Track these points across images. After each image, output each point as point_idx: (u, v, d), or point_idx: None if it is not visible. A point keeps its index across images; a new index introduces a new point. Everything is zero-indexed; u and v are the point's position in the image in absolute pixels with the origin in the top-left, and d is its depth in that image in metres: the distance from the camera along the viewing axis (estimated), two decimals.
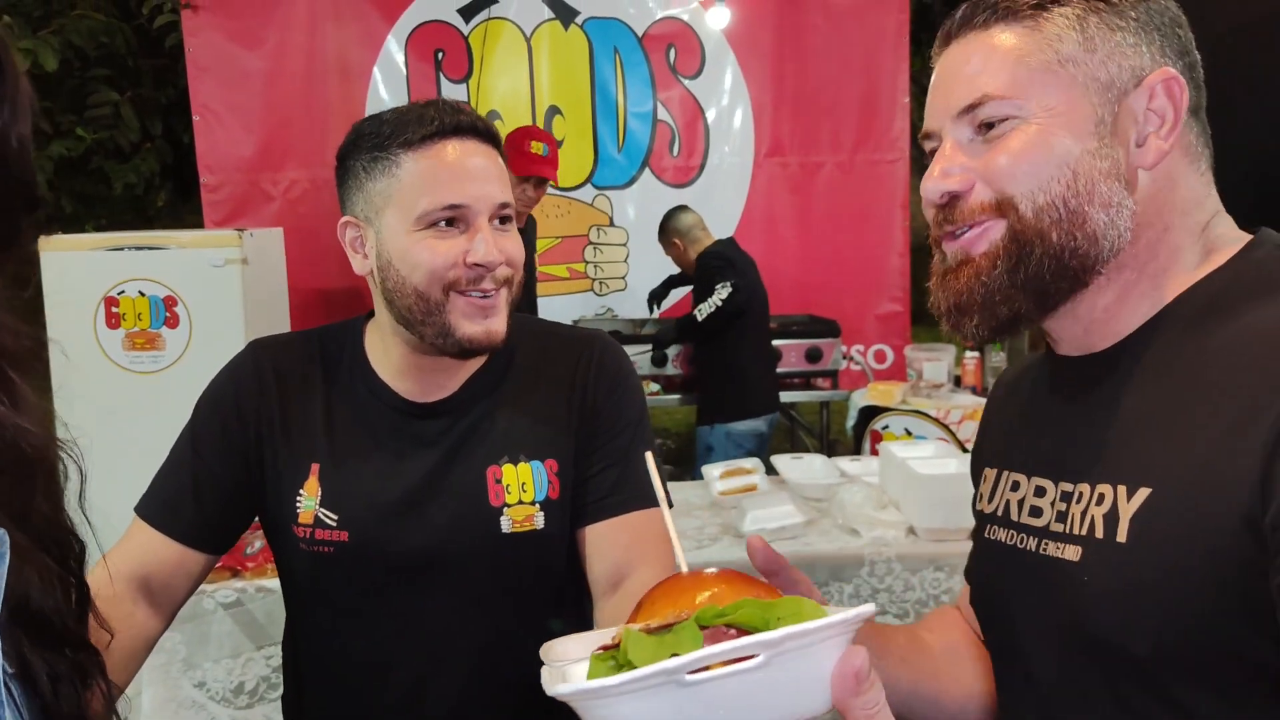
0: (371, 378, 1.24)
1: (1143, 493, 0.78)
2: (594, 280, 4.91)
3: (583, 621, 1.28)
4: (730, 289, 3.76)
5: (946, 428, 3.71)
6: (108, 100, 4.97)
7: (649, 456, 0.75)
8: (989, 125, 0.85)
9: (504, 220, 1.19)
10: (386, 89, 4.63)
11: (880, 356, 4.96)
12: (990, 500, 0.99)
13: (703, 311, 3.79)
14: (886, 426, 3.79)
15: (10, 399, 0.77)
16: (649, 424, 1.31)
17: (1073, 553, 0.84)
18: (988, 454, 1.04)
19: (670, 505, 0.74)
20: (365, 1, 4.59)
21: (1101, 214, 0.82)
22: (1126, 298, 0.85)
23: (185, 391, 1.30)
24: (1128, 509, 0.79)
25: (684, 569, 0.67)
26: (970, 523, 2.75)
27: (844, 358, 4.57)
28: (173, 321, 3.32)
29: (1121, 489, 0.80)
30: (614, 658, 0.60)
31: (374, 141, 1.17)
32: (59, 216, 5.45)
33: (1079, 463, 0.86)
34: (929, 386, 3.91)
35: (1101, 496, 0.82)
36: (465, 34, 4.67)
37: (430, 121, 1.15)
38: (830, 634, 0.56)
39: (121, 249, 3.34)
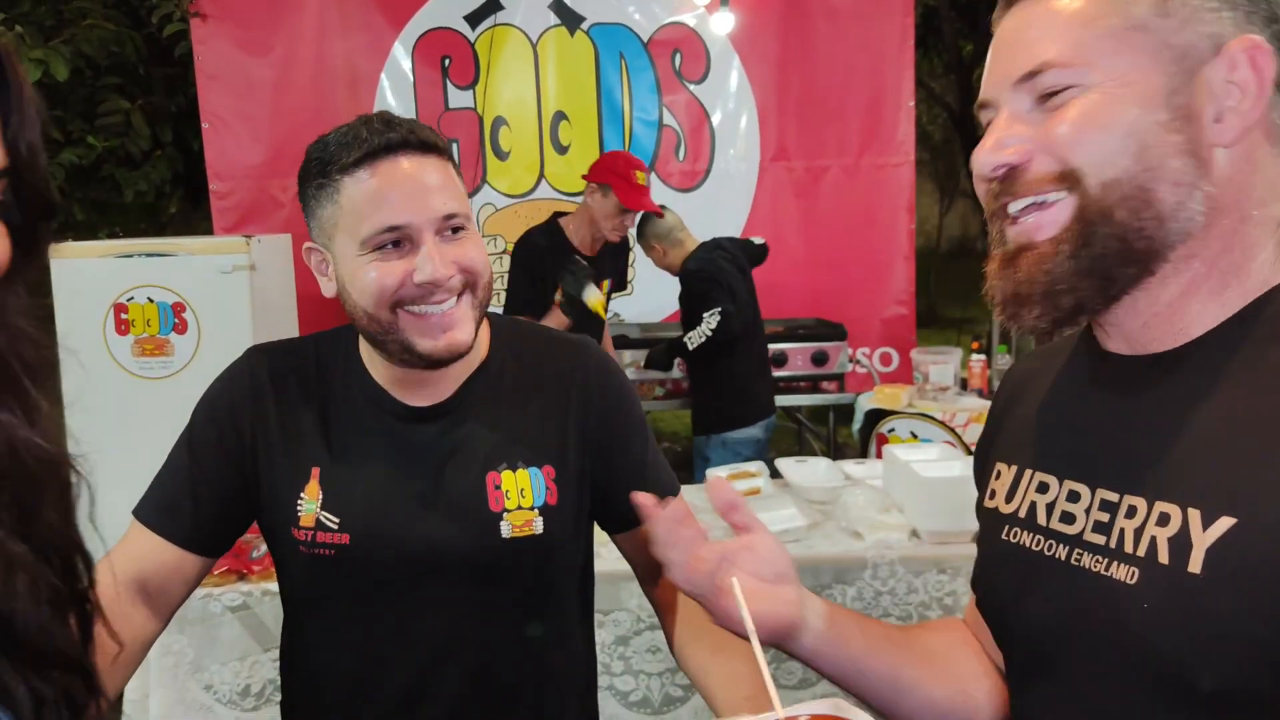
0: (367, 382, 1.25)
1: (1225, 522, 0.71)
2: None
3: (573, 627, 1.30)
4: (719, 316, 3.59)
5: (952, 430, 3.71)
6: (118, 108, 5.01)
7: (735, 585, 0.78)
8: (1049, 94, 0.78)
9: (456, 230, 1.16)
10: (394, 96, 4.66)
11: (886, 359, 4.97)
12: (1010, 500, 0.91)
13: (693, 340, 3.66)
14: (892, 430, 3.80)
15: (25, 411, 0.77)
16: (643, 416, 1.34)
17: (1126, 573, 0.77)
18: (1002, 448, 0.96)
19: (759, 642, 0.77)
20: (372, 9, 4.62)
21: (1171, 193, 0.75)
22: (1194, 293, 0.78)
23: (194, 397, 1.31)
24: (1204, 538, 0.72)
25: (780, 714, 0.69)
26: (973, 525, 2.75)
27: (850, 361, 4.58)
28: (181, 328, 3.34)
29: (1194, 513, 0.73)
30: None
31: (318, 168, 1.17)
32: (72, 224, 5.49)
33: (1130, 472, 0.79)
34: (935, 389, 3.91)
35: (1165, 516, 0.75)
36: (472, 41, 4.69)
37: (362, 143, 1.14)
38: None
39: (130, 256, 3.37)
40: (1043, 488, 0.87)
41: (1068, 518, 0.83)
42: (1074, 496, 0.83)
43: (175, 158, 5.49)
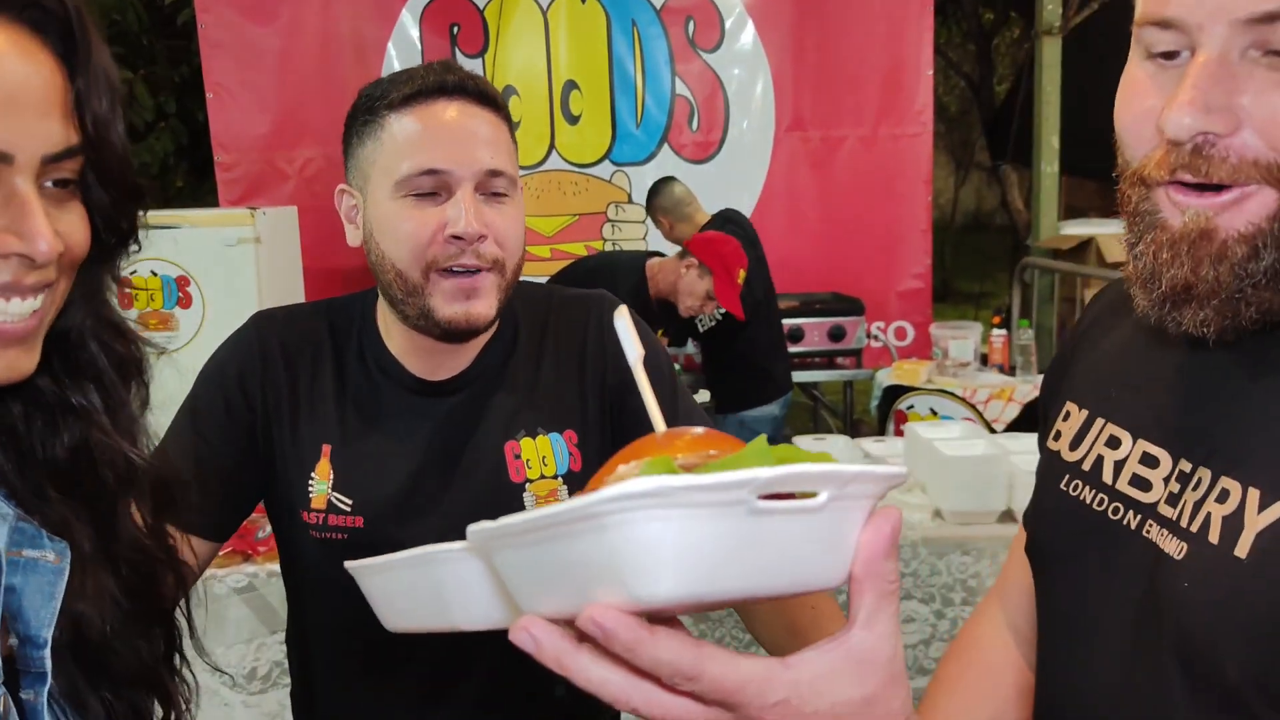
0: (383, 354, 1.19)
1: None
2: None
3: None
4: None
5: (973, 407, 3.64)
6: (121, 78, 4.94)
7: (622, 313, 0.65)
8: None
9: (497, 193, 1.11)
10: (401, 64, 4.57)
11: (900, 334, 4.89)
12: (1075, 447, 0.83)
13: (703, 323, 3.56)
14: (911, 406, 3.73)
15: (108, 406, 0.75)
16: (670, 362, 1.27)
17: (1175, 547, 0.70)
18: (1075, 385, 0.87)
19: (642, 354, 0.60)
20: None
21: None
22: None
23: (199, 373, 1.25)
24: (1256, 520, 0.65)
25: (661, 428, 0.57)
26: (998, 506, 2.67)
27: (867, 336, 4.50)
28: (186, 301, 3.28)
29: (1254, 493, 0.66)
30: None
31: (367, 104, 1.12)
32: None
33: (1206, 442, 0.72)
34: (955, 365, 3.83)
35: (1225, 493, 0.68)
36: (481, 7, 4.60)
37: (415, 81, 1.09)
38: (882, 487, 0.51)
39: None
40: (1113, 442, 0.79)
41: (1142, 483, 0.75)
42: (1151, 461, 0.75)
43: (179, 129, 5.42)
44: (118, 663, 0.73)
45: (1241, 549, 0.65)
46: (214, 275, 3.30)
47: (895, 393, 3.82)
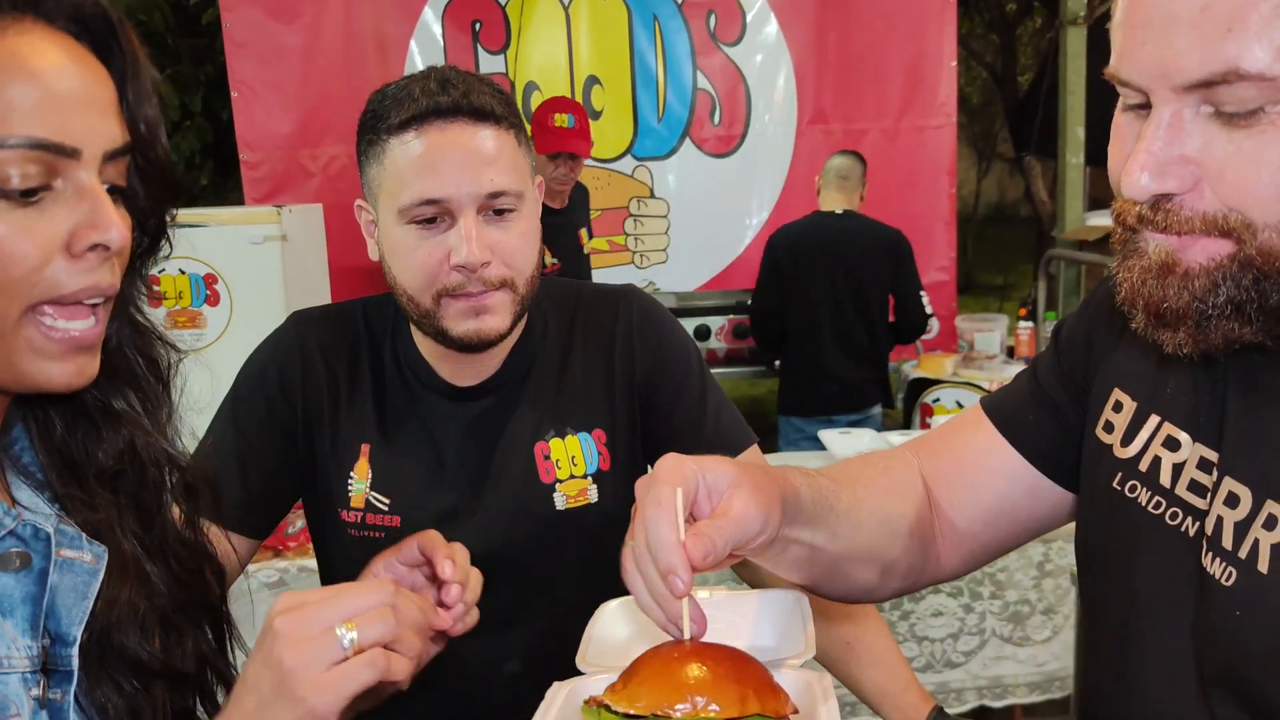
0: (415, 358, 1.20)
1: None
2: (635, 253, 4.84)
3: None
4: (751, 299, 3.43)
5: None
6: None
7: (678, 494, 0.74)
8: (1233, 113, 0.62)
9: (502, 210, 1.09)
10: (424, 61, 4.58)
11: None
12: (1127, 443, 0.80)
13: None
14: (937, 399, 3.70)
15: (148, 409, 0.79)
16: (702, 361, 1.27)
17: (1222, 569, 0.69)
18: (1121, 372, 0.83)
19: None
20: None
21: None
22: None
23: (227, 369, 1.26)
24: None
25: (686, 635, 0.72)
26: None
27: None
28: (213, 299, 3.31)
29: None
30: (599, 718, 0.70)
31: (370, 121, 1.10)
32: None
33: (1252, 459, 0.69)
34: (981, 358, 3.81)
35: (1273, 520, 0.66)
36: (502, 4, 4.60)
37: (412, 103, 1.06)
38: None
39: None
40: (1172, 444, 0.76)
41: (1199, 489, 0.73)
42: (1207, 466, 0.73)
43: (205, 128, 5.46)
44: (165, 658, 0.74)
45: None
46: (241, 273, 3.33)
47: (921, 385, 3.80)
